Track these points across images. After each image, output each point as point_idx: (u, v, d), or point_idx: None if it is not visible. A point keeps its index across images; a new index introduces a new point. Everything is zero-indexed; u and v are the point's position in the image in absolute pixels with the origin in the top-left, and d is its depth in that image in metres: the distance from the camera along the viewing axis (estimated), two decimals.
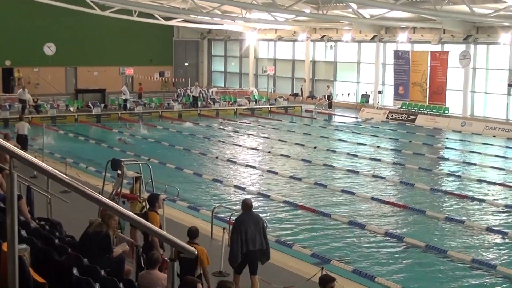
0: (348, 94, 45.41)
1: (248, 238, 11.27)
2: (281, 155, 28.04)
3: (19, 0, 46.55)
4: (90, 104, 39.99)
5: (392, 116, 39.79)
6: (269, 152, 28.85)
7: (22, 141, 22.22)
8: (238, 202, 19.85)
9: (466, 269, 14.53)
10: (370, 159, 27.43)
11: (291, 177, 23.61)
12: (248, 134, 34.51)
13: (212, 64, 58.25)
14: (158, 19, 45.94)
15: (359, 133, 34.68)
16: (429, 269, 14.50)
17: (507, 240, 16.59)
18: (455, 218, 18.28)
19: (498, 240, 16.72)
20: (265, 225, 11.82)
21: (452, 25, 36.87)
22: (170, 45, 55.22)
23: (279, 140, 32.03)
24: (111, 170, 14.77)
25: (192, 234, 10.75)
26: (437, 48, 39.50)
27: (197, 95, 43.72)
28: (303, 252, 15.09)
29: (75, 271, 7.75)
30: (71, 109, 39.86)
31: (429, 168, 25.58)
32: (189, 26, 51.79)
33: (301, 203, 19.71)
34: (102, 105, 40.75)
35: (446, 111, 38.13)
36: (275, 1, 29.42)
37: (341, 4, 36.41)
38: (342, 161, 26.87)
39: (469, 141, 33.01)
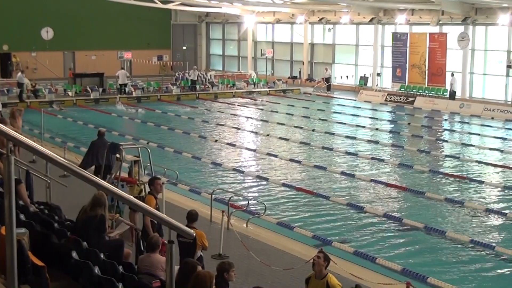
0: (347, 77, 45.31)
1: (99, 155, 16.40)
2: (280, 138, 28.02)
3: None
4: (88, 88, 40.00)
5: (390, 98, 39.67)
6: (268, 135, 28.82)
7: None
8: (237, 185, 19.98)
9: (465, 249, 14.57)
10: (369, 141, 27.41)
11: (290, 159, 23.62)
12: (247, 117, 34.48)
13: (210, 47, 58.04)
14: (156, 2, 45.74)
15: (358, 116, 34.61)
16: (428, 250, 14.54)
17: (506, 221, 16.63)
18: (454, 199, 18.31)
19: (497, 221, 16.76)
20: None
21: (450, 6, 36.71)
22: (168, 29, 54.97)
23: (278, 123, 31.97)
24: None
25: (191, 217, 10.75)
26: (436, 30, 39.34)
27: (196, 78, 43.63)
28: (303, 234, 15.11)
29: (74, 254, 7.78)
30: (69, 93, 39.83)
31: (428, 150, 25.59)
32: (187, 9, 51.54)
33: (300, 186, 19.72)
34: (101, 89, 40.72)
35: (445, 93, 38.03)
36: None
37: None
38: (341, 144, 26.84)
39: (468, 122, 32.99)
